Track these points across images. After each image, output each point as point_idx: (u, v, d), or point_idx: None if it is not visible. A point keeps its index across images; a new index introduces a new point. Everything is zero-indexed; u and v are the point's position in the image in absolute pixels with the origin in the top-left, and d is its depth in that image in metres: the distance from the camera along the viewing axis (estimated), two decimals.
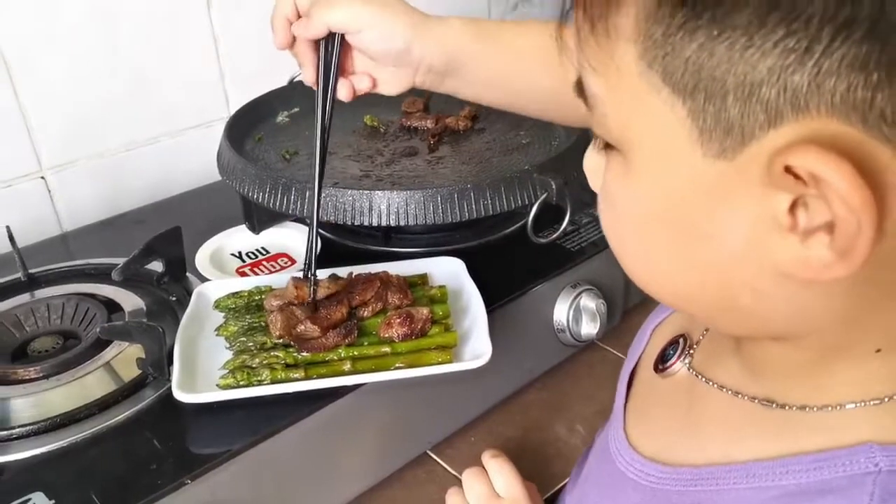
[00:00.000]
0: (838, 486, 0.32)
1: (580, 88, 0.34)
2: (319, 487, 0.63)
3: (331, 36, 0.58)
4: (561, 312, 0.75)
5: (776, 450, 0.35)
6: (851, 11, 0.25)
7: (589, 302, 0.75)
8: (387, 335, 0.61)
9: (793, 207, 0.28)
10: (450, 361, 0.59)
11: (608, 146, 0.35)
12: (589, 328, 0.75)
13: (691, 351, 0.45)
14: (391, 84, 0.61)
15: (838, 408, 0.34)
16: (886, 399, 0.33)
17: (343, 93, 0.61)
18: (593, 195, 0.41)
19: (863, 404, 0.34)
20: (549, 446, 0.72)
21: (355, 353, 0.60)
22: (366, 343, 0.61)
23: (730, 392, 0.40)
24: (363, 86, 0.61)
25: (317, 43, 0.59)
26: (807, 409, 0.35)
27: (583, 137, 0.78)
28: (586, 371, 0.81)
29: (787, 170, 0.27)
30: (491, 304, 0.66)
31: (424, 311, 0.62)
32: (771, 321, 0.33)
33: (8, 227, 0.75)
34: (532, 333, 0.75)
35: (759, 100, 0.27)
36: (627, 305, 0.86)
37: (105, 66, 0.86)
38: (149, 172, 0.93)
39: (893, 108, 0.26)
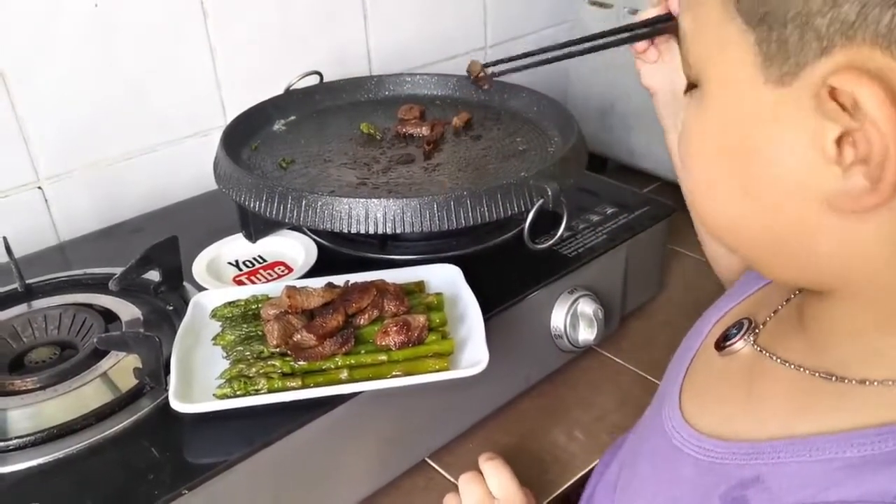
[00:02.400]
0: None
1: (677, 31, 0.39)
2: (317, 496, 0.63)
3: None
4: (558, 319, 0.75)
5: (838, 424, 0.36)
6: None
7: (586, 308, 0.75)
8: (383, 343, 0.61)
9: (839, 142, 0.31)
10: (447, 369, 0.59)
11: (690, 90, 0.39)
12: (586, 334, 0.75)
13: (756, 330, 0.46)
14: (649, 74, 0.67)
15: None
16: None
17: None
18: (590, 201, 0.43)
19: None
20: (547, 453, 0.72)
21: (352, 361, 0.60)
22: (363, 351, 0.61)
23: (792, 366, 0.41)
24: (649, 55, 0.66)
25: None
26: (867, 382, 0.36)
27: (579, 145, 0.79)
28: (584, 377, 0.81)
29: (832, 94, 0.30)
30: (488, 310, 0.66)
31: (421, 318, 0.62)
32: (816, 262, 0.36)
33: (4, 238, 0.75)
34: (529, 340, 0.75)
35: (812, 28, 0.30)
36: (625, 311, 0.86)
37: (102, 75, 0.86)
38: (145, 182, 0.93)
39: None
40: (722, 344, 0.48)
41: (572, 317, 0.75)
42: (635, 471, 0.51)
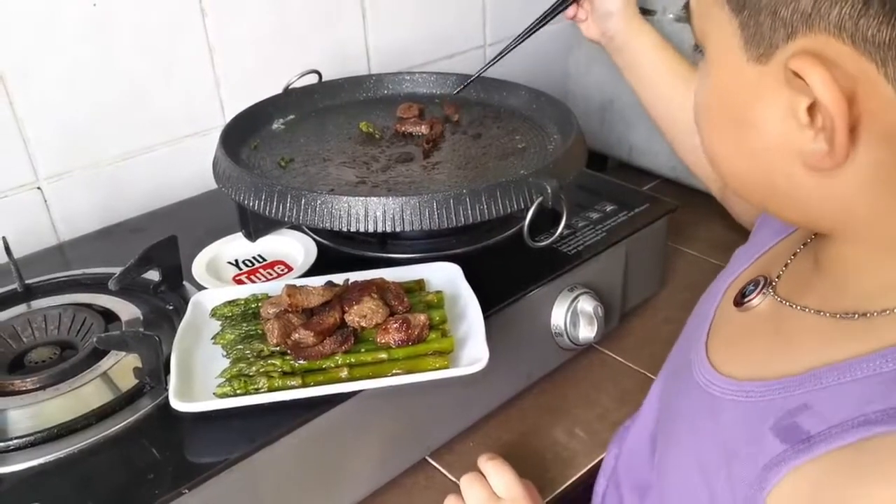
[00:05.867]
0: None
1: (688, 7, 0.44)
2: (318, 495, 0.63)
3: None
4: (558, 316, 0.75)
5: (870, 347, 0.39)
6: None
7: (586, 305, 0.75)
8: (384, 341, 0.61)
9: (812, 110, 0.36)
10: (447, 367, 0.59)
11: (697, 50, 0.44)
12: (587, 332, 0.75)
13: (773, 284, 0.50)
14: (587, 29, 0.79)
15: None
16: None
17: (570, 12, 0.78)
18: (590, 198, 0.47)
19: None
20: (547, 450, 0.72)
21: (352, 359, 0.60)
22: (363, 350, 0.61)
23: (814, 312, 0.44)
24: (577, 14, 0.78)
25: None
26: (888, 311, 0.40)
27: (578, 142, 0.79)
28: (584, 375, 0.81)
29: (795, 73, 0.35)
30: (488, 308, 0.66)
31: (421, 317, 0.62)
32: (811, 208, 0.41)
33: (4, 238, 0.74)
34: (530, 338, 0.75)
35: (780, 17, 0.36)
36: (625, 308, 0.86)
37: (100, 75, 0.86)
38: (145, 181, 0.93)
39: (873, 31, 0.33)
40: (741, 301, 0.51)
41: (572, 314, 0.75)
42: (672, 435, 0.53)
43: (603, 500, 0.64)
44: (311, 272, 0.74)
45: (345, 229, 0.68)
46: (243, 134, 0.86)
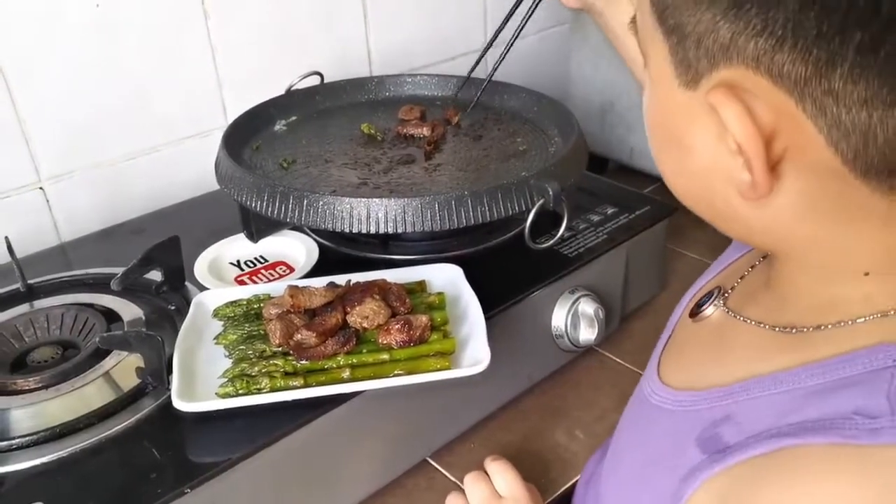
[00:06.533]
0: (860, 379, 0.36)
1: (635, 21, 0.43)
2: (319, 496, 0.63)
3: None
4: (559, 318, 0.75)
5: (797, 361, 0.39)
6: None
7: (587, 307, 0.75)
8: (385, 342, 0.61)
9: None
10: (448, 368, 0.60)
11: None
12: (587, 334, 0.75)
13: (725, 295, 0.50)
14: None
15: (850, 322, 0.39)
16: (892, 312, 0.38)
17: None
18: (590, 201, 0.47)
19: (872, 318, 0.38)
20: (548, 452, 0.72)
21: (354, 360, 0.60)
22: (364, 350, 0.61)
23: (756, 324, 0.45)
24: None
25: None
26: (822, 327, 0.40)
27: (579, 145, 0.79)
28: (585, 377, 0.81)
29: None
30: (489, 310, 0.66)
31: (423, 318, 0.62)
32: (752, 229, 0.40)
33: (7, 238, 0.75)
34: (530, 339, 0.75)
35: (703, 46, 0.35)
36: (625, 311, 0.86)
37: (103, 76, 0.86)
38: (147, 182, 0.93)
39: (788, 67, 0.32)
40: (695, 311, 0.52)
41: (573, 316, 0.75)
42: (619, 442, 0.53)
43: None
44: (312, 273, 0.74)
45: (347, 230, 0.68)
46: (245, 135, 0.86)
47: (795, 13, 0.31)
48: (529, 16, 0.82)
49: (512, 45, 0.85)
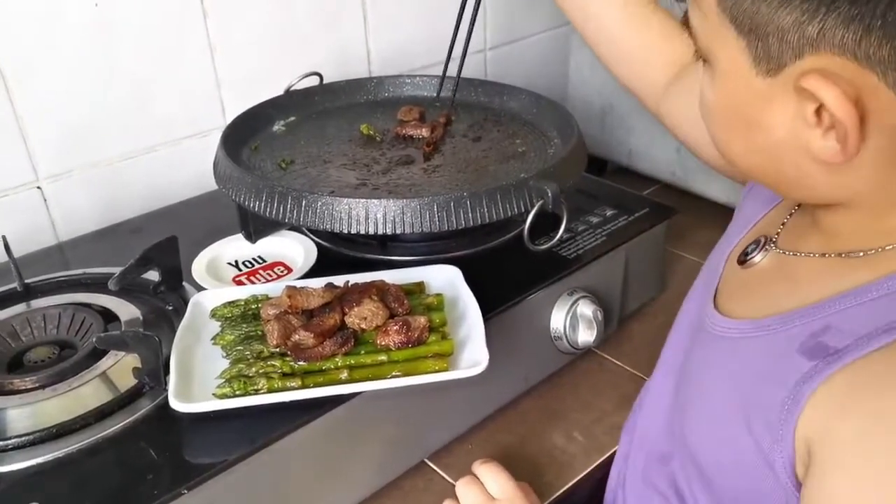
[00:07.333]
0: None
1: (686, 22, 0.48)
2: (317, 497, 0.63)
3: None
4: (558, 320, 0.75)
5: (878, 274, 0.44)
6: None
7: (586, 309, 0.75)
8: (384, 343, 0.61)
9: (818, 111, 0.41)
10: (447, 369, 0.59)
11: (699, 58, 0.48)
12: (586, 336, 0.75)
13: (773, 241, 0.55)
14: None
15: None
16: None
17: None
18: (589, 203, 0.49)
19: None
20: (546, 454, 0.72)
21: (352, 361, 0.60)
22: (363, 352, 0.61)
23: (817, 255, 0.49)
24: None
25: None
26: (888, 247, 0.45)
27: (578, 146, 0.79)
28: (583, 379, 0.81)
29: (804, 89, 0.40)
30: (488, 311, 0.66)
31: (422, 319, 0.62)
32: (818, 189, 0.46)
33: (4, 237, 0.74)
34: (529, 341, 0.75)
35: (787, 41, 0.40)
36: (624, 313, 0.86)
37: (101, 75, 0.86)
38: (145, 182, 0.93)
39: (874, 50, 0.38)
40: (744, 260, 0.55)
41: (572, 318, 0.75)
42: (694, 390, 0.55)
43: (619, 485, 0.65)
44: (310, 274, 0.74)
45: (345, 231, 0.68)
46: (244, 135, 0.86)
47: (882, 8, 0.37)
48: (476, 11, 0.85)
49: (469, 40, 0.87)
